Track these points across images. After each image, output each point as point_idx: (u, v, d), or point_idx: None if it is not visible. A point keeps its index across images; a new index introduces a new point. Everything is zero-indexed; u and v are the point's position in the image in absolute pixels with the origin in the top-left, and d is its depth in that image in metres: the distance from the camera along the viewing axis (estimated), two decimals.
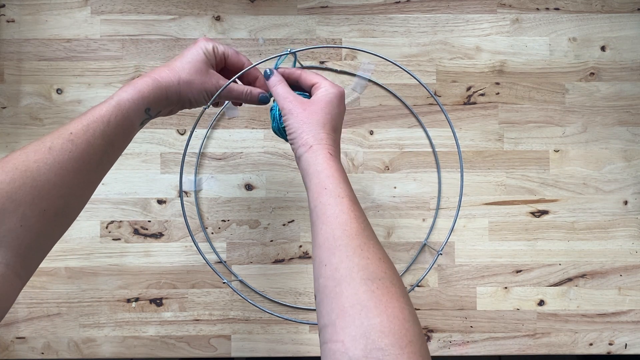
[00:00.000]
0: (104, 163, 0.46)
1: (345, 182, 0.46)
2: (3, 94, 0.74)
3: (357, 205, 0.44)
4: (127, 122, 0.46)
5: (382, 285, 0.38)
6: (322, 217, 0.43)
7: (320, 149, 0.47)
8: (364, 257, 0.40)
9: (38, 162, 0.40)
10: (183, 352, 0.73)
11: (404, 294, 0.39)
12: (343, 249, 0.40)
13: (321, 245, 0.42)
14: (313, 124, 0.48)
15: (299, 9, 0.75)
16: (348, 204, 0.44)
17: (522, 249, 0.74)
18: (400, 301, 0.38)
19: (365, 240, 0.41)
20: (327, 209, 0.43)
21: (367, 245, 0.41)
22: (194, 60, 0.51)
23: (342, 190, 0.45)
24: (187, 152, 0.73)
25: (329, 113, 0.49)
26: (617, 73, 0.74)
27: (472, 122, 0.74)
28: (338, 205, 0.43)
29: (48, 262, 0.73)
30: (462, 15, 0.75)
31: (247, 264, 0.74)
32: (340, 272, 0.39)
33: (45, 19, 0.74)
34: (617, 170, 0.74)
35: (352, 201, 0.44)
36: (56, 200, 0.41)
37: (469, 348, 0.74)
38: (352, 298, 0.37)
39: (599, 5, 0.75)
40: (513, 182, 0.74)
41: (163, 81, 0.49)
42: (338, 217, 0.42)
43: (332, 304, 0.38)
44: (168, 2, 0.74)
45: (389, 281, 0.39)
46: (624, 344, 0.74)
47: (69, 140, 0.42)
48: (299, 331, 0.74)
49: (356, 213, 0.43)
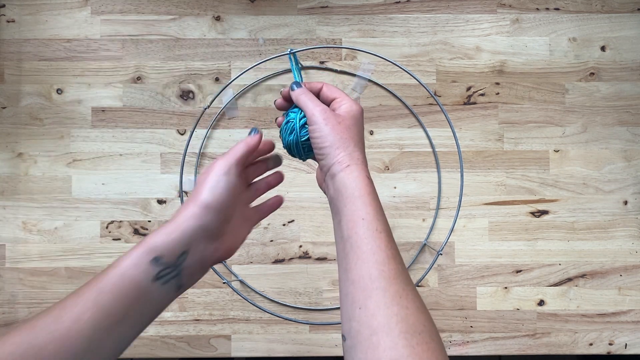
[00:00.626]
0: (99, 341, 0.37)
1: (382, 213, 0.42)
2: (3, 94, 0.74)
3: (393, 243, 0.41)
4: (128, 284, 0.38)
5: (422, 341, 0.36)
6: (357, 251, 0.40)
7: (357, 170, 0.43)
8: (403, 307, 0.37)
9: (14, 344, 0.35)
10: (183, 352, 0.73)
11: (442, 350, 0.37)
12: (380, 294, 0.37)
13: (355, 282, 0.39)
14: (348, 140, 0.44)
15: (299, 9, 0.75)
16: (386, 240, 0.40)
17: (522, 249, 0.74)
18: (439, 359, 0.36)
19: (403, 286, 0.38)
20: (364, 243, 0.40)
21: (406, 292, 0.38)
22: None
23: (380, 223, 0.41)
24: (187, 152, 0.73)
25: (358, 130, 0.46)
26: (617, 73, 0.74)
27: (472, 122, 0.74)
28: (375, 240, 0.40)
29: (48, 262, 0.73)
30: (462, 15, 0.75)
31: (247, 264, 0.74)
32: (378, 319, 0.36)
33: (45, 19, 0.74)
34: (617, 170, 0.74)
35: (390, 237, 0.41)
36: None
37: (469, 348, 0.74)
38: (390, 352, 0.35)
39: (599, 5, 0.75)
40: (513, 182, 0.74)
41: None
42: (375, 255, 0.39)
43: (367, 353, 0.36)
44: (168, 2, 0.74)
45: (429, 336, 0.36)
46: (624, 344, 0.74)
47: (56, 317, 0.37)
48: (299, 331, 0.74)
49: (393, 252, 0.40)
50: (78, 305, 0.37)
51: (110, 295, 0.37)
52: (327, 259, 0.74)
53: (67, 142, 0.74)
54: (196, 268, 0.42)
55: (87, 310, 0.37)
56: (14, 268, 0.73)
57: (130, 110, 0.74)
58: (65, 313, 0.37)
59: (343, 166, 0.44)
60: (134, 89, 0.74)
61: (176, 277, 0.40)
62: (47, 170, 0.73)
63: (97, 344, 0.37)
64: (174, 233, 0.40)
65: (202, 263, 0.42)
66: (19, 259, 0.73)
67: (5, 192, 0.73)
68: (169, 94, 0.74)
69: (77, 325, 0.36)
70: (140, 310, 0.39)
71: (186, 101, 0.74)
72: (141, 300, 0.39)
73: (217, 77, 0.74)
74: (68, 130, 0.74)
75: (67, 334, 0.36)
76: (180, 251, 0.40)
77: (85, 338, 0.36)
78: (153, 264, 0.39)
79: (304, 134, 0.47)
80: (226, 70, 0.74)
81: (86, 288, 0.38)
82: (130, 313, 0.38)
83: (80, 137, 0.74)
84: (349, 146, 0.44)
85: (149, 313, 0.40)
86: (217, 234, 0.42)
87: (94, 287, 0.38)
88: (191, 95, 0.74)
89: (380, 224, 0.41)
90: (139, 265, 0.38)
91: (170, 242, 0.39)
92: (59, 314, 0.37)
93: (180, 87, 0.74)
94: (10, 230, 0.73)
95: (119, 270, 0.38)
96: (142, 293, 0.38)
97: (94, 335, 0.37)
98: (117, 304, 0.37)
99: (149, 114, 0.74)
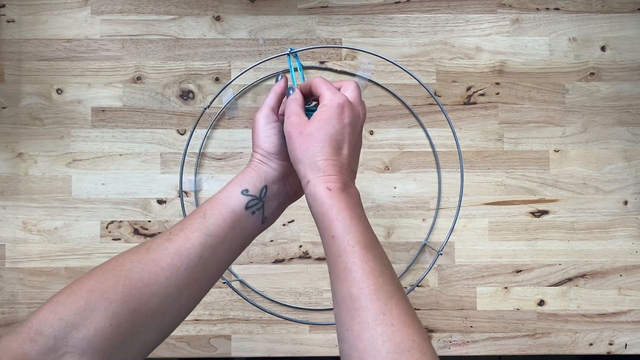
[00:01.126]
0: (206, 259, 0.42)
1: (356, 220, 0.40)
2: (3, 94, 0.74)
3: (372, 253, 0.39)
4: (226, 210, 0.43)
5: (411, 359, 0.35)
6: (335, 272, 0.39)
7: (317, 184, 0.42)
8: (387, 324, 0.36)
9: (133, 262, 0.40)
10: (183, 352, 0.73)
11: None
12: (363, 314, 0.36)
13: (339, 304, 0.38)
14: (309, 151, 0.43)
15: (299, 9, 0.75)
16: (360, 254, 0.39)
17: (522, 249, 0.74)
18: None
19: (386, 300, 0.37)
20: (339, 263, 0.39)
21: (389, 307, 0.37)
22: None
23: (351, 236, 0.39)
24: (187, 152, 0.73)
25: (327, 133, 0.43)
26: (617, 73, 0.74)
27: (472, 122, 0.74)
28: (350, 257, 0.39)
29: (48, 262, 0.73)
30: (462, 15, 0.75)
31: (247, 264, 0.74)
32: (364, 342, 0.36)
33: (45, 19, 0.74)
34: (617, 170, 0.74)
35: (366, 248, 0.39)
36: (148, 299, 0.39)
37: (469, 348, 0.74)
38: None
39: (599, 5, 0.75)
40: (513, 182, 0.74)
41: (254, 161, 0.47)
42: (352, 273, 0.38)
43: None
44: (168, 2, 0.74)
45: (419, 351, 0.35)
46: (624, 344, 0.74)
47: (167, 239, 0.42)
48: (299, 331, 0.74)
49: (372, 264, 0.38)
50: (185, 228, 0.42)
51: (213, 219, 0.43)
52: None
53: (67, 142, 0.74)
54: (275, 203, 0.47)
55: (194, 231, 0.42)
56: (14, 268, 0.73)
57: (130, 110, 0.74)
58: (176, 234, 0.42)
59: (304, 182, 0.43)
60: (134, 89, 0.74)
61: (261, 208, 0.46)
62: (47, 170, 0.73)
63: (205, 260, 0.42)
64: (252, 172, 0.46)
65: (279, 198, 0.48)
66: (19, 259, 0.73)
67: (5, 192, 0.73)
68: (169, 94, 0.74)
69: (187, 243, 0.41)
70: (236, 234, 0.44)
71: (186, 101, 0.74)
72: (236, 226, 0.44)
73: (217, 77, 0.74)
74: (68, 130, 0.74)
75: (179, 250, 0.41)
76: (261, 186, 0.46)
77: (194, 254, 0.41)
78: (244, 194, 0.45)
79: None
80: (226, 70, 0.74)
81: (190, 217, 0.43)
82: (229, 235, 0.43)
83: (80, 137, 0.74)
84: (309, 157, 0.43)
85: (242, 238, 0.45)
86: (284, 173, 0.47)
87: (198, 214, 0.43)
88: (191, 95, 0.74)
89: (352, 238, 0.39)
90: (233, 195, 0.44)
91: (252, 179, 0.46)
92: (169, 236, 0.42)
93: (180, 87, 0.74)
94: (10, 230, 0.73)
95: (219, 200, 0.44)
96: (237, 219, 0.44)
97: (202, 252, 0.42)
98: (218, 226, 0.43)
99: (148, 114, 0.74)
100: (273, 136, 0.47)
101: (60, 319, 0.36)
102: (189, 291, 0.42)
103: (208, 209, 0.44)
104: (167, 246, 0.41)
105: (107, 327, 0.37)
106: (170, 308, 0.41)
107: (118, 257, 0.41)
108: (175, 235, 0.42)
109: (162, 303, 0.40)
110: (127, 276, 0.39)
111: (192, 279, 0.41)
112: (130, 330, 0.38)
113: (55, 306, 0.37)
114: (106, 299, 0.37)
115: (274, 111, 0.48)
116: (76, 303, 0.37)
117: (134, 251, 0.41)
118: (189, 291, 0.42)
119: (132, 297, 0.38)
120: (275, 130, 0.47)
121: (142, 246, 0.41)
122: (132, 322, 0.38)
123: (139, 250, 0.41)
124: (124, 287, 0.38)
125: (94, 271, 0.40)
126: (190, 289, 0.42)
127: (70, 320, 0.36)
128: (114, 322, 0.37)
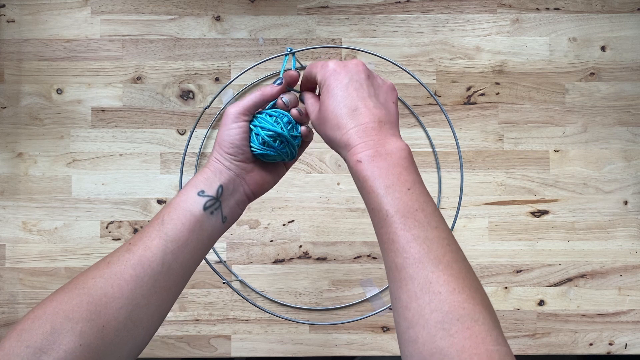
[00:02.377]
0: (169, 265, 0.41)
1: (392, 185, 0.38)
2: (3, 94, 0.74)
3: (414, 218, 0.37)
4: (184, 214, 0.43)
5: (462, 328, 0.33)
6: (380, 243, 0.38)
7: (349, 160, 0.41)
8: (434, 293, 0.34)
9: (95, 277, 0.39)
10: (183, 352, 0.73)
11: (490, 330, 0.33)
12: (409, 283, 0.35)
13: (388, 273, 0.38)
14: (331, 134, 0.42)
15: (299, 9, 0.75)
16: (401, 222, 0.37)
17: (522, 249, 0.74)
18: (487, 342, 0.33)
19: (433, 268, 0.35)
20: (382, 234, 0.38)
21: (436, 275, 0.35)
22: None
23: (389, 206, 0.37)
24: (187, 152, 0.73)
25: (335, 107, 0.42)
26: (617, 73, 0.74)
27: (472, 122, 0.74)
28: (389, 227, 0.37)
29: (48, 262, 0.73)
30: (462, 15, 0.75)
31: (247, 264, 0.74)
32: (411, 312, 0.35)
33: (45, 19, 0.74)
34: (617, 170, 0.74)
35: (406, 215, 0.37)
36: (115, 313, 0.38)
37: None
38: (429, 346, 0.33)
39: (599, 5, 0.75)
40: (513, 182, 0.74)
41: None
42: (394, 243, 0.37)
43: (408, 347, 0.35)
44: (168, 2, 0.74)
45: (470, 319, 0.33)
46: (624, 344, 0.74)
47: (126, 250, 0.41)
48: (299, 331, 0.74)
49: (414, 232, 0.36)
50: (144, 237, 0.41)
51: (171, 224, 0.42)
52: (327, 259, 0.74)
53: (67, 142, 0.74)
54: (232, 201, 0.46)
55: (154, 239, 0.41)
56: (14, 268, 0.73)
57: (130, 110, 0.74)
58: (135, 244, 0.41)
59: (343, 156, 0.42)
60: (134, 89, 0.74)
61: (219, 208, 0.45)
62: (47, 170, 0.73)
63: (168, 266, 0.41)
64: (207, 172, 0.45)
65: (235, 197, 0.46)
66: (19, 259, 0.73)
67: (5, 192, 0.73)
68: (169, 94, 0.74)
69: (148, 252, 0.41)
70: (197, 236, 0.43)
71: (186, 101, 0.74)
72: (196, 228, 0.43)
73: (217, 77, 0.74)
74: (68, 130, 0.74)
75: (140, 260, 0.40)
76: (217, 185, 0.45)
77: (156, 262, 0.41)
78: (200, 195, 0.44)
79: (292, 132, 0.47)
80: (226, 70, 0.74)
81: (149, 225, 0.43)
82: (190, 239, 0.43)
83: (80, 137, 0.74)
84: (335, 137, 0.42)
85: (204, 240, 0.44)
86: (238, 172, 0.46)
87: (156, 221, 0.43)
88: (191, 95, 0.74)
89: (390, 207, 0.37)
90: (189, 198, 0.44)
91: (207, 179, 0.45)
92: (128, 247, 0.41)
93: (180, 87, 0.74)
94: (10, 230, 0.73)
95: (175, 204, 0.44)
96: (196, 221, 0.43)
97: (164, 259, 0.41)
98: (177, 231, 0.42)
99: (148, 114, 0.74)
100: (235, 135, 0.45)
101: (27, 347, 0.35)
102: (157, 299, 0.41)
103: (166, 214, 0.43)
104: (127, 257, 0.40)
105: (77, 348, 0.36)
106: (141, 319, 0.40)
107: (79, 275, 0.40)
108: (135, 246, 0.41)
109: (130, 316, 0.39)
110: (90, 293, 0.38)
111: (159, 287, 0.41)
112: (102, 347, 0.37)
113: (21, 334, 0.36)
114: (71, 320, 0.36)
115: (248, 111, 0.46)
116: (41, 328, 0.36)
117: (94, 267, 0.40)
118: (156, 299, 0.41)
119: (98, 313, 0.37)
120: (239, 130, 0.45)
121: (102, 261, 0.41)
122: (102, 339, 0.37)
123: (99, 266, 0.40)
124: (89, 305, 0.37)
125: (56, 293, 0.39)
126: (158, 297, 0.41)
127: (37, 346, 0.35)
128: (84, 342, 0.36)
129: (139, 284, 0.40)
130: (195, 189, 0.44)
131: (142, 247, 0.41)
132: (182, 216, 0.43)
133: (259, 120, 0.46)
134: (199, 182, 0.45)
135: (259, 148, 0.46)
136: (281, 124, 0.46)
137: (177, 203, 0.44)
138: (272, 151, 0.46)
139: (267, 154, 0.46)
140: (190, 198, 0.44)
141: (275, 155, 0.47)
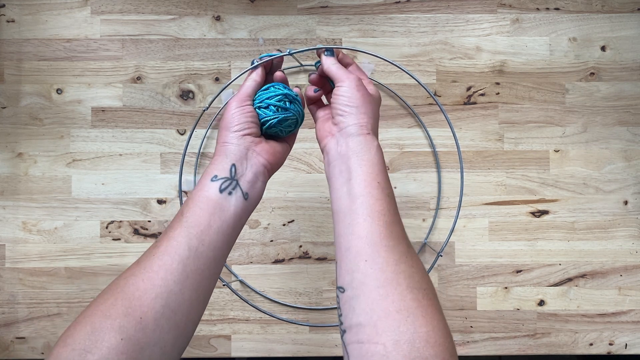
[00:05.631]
0: (196, 248, 0.42)
1: (390, 183, 0.46)
2: (3, 94, 0.74)
3: (398, 210, 0.44)
4: (200, 200, 0.44)
5: (427, 296, 0.38)
6: (368, 209, 0.42)
7: (375, 140, 0.46)
8: (409, 265, 0.39)
9: (126, 277, 0.41)
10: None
11: (441, 309, 0.39)
12: (390, 251, 0.39)
13: (362, 238, 0.41)
14: (370, 114, 0.47)
15: (299, 9, 0.75)
16: (395, 206, 0.43)
17: (522, 249, 0.74)
18: (442, 315, 0.38)
19: (407, 248, 0.41)
20: (377, 204, 0.42)
21: (411, 254, 0.41)
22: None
23: (391, 191, 0.44)
24: (187, 152, 0.73)
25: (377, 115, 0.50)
26: (617, 73, 0.74)
27: (472, 122, 0.74)
28: (388, 204, 0.42)
29: (48, 262, 0.73)
30: (462, 15, 0.75)
31: (247, 264, 0.74)
32: (386, 274, 0.38)
33: (45, 19, 0.74)
34: (617, 170, 0.74)
35: (396, 205, 0.44)
36: (151, 304, 0.39)
37: (469, 348, 0.74)
38: (398, 303, 0.37)
39: (599, 5, 0.75)
40: (513, 182, 0.74)
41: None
42: (386, 216, 0.41)
43: (374, 304, 0.37)
44: (168, 2, 0.74)
45: (432, 293, 0.39)
46: (624, 344, 0.74)
47: (153, 247, 0.42)
48: (299, 331, 0.73)
49: (399, 217, 0.43)
50: (167, 231, 0.43)
51: (190, 212, 0.44)
52: (327, 259, 0.74)
53: (67, 142, 0.74)
54: (250, 175, 0.47)
55: (175, 229, 0.43)
56: (13, 268, 0.73)
57: (130, 110, 0.74)
58: (159, 240, 0.43)
59: (364, 131, 0.46)
60: (134, 89, 0.74)
61: (237, 186, 0.46)
62: (47, 170, 0.73)
63: (195, 250, 0.42)
64: (217, 159, 0.47)
65: (253, 170, 0.48)
66: (19, 259, 0.73)
67: (5, 192, 0.73)
68: (169, 94, 0.74)
69: (172, 241, 0.42)
70: (220, 218, 0.44)
71: (186, 101, 0.74)
72: (217, 211, 0.44)
73: (217, 77, 0.74)
74: (68, 130, 0.74)
75: (166, 249, 0.41)
76: (228, 165, 0.46)
77: (182, 248, 0.42)
78: (214, 180, 0.45)
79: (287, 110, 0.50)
80: (226, 70, 0.74)
81: (170, 224, 0.44)
82: (212, 221, 0.43)
83: (80, 137, 0.74)
84: (371, 119, 0.47)
85: (229, 221, 0.45)
86: (246, 145, 0.48)
87: (177, 216, 0.44)
88: (191, 95, 0.74)
89: (391, 192, 0.44)
90: (205, 186, 0.45)
91: (218, 164, 0.46)
92: (154, 244, 0.43)
93: (180, 87, 0.74)
94: (10, 230, 0.73)
95: (193, 196, 0.45)
96: (215, 204, 0.44)
97: (189, 243, 0.42)
98: (197, 216, 0.43)
99: (148, 114, 0.74)
100: (241, 114, 0.48)
101: (73, 349, 0.36)
102: (191, 283, 0.41)
103: (185, 207, 0.44)
104: (153, 252, 0.42)
105: (119, 343, 0.37)
106: (179, 305, 0.40)
107: (113, 280, 0.42)
108: (159, 241, 0.43)
109: (167, 303, 0.40)
110: (123, 290, 0.39)
111: (189, 271, 0.41)
112: (143, 339, 0.38)
113: (65, 340, 0.37)
114: (109, 317, 0.38)
115: (249, 97, 0.49)
116: (83, 330, 0.37)
117: (126, 270, 0.42)
118: (190, 283, 0.41)
119: (133, 307, 0.38)
120: (245, 109, 0.48)
121: (133, 263, 0.42)
122: (142, 331, 0.38)
123: (130, 267, 0.42)
124: (123, 300, 0.39)
125: (94, 300, 0.40)
126: (191, 281, 0.41)
127: (81, 347, 0.36)
128: (124, 336, 0.37)
129: (169, 270, 0.40)
130: (209, 176, 0.46)
131: (166, 239, 0.42)
132: (199, 202, 0.44)
133: (259, 98, 0.49)
134: (211, 170, 0.46)
135: (274, 116, 0.49)
136: (281, 89, 0.50)
137: (194, 195, 0.45)
138: (288, 113, 0.49)
139: (284, 117, 0.49)
140: (206, 186, 0.45)
141: (291, 116, 0.50)
